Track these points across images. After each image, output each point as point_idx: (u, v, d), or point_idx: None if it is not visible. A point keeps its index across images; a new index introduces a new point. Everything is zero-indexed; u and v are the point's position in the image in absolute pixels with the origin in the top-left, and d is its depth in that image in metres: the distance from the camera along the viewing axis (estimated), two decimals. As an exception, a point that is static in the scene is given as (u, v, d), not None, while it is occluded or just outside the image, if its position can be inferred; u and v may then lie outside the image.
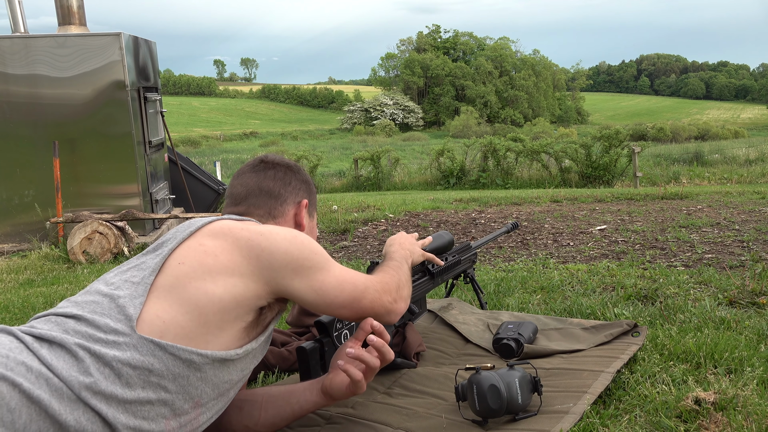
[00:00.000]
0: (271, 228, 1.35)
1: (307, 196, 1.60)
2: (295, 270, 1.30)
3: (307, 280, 1.32)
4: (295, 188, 1.57)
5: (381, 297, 1.44)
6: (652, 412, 1.53)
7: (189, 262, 1.23)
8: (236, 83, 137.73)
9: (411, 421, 1.56)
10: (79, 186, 5.45)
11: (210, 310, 1.20)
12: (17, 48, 5.28)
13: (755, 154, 17.87)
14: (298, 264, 1.31)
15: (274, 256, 1.28)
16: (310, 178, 1.65)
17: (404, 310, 1.53)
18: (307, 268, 1.32)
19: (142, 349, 1.12)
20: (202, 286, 1.21)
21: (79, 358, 1.08)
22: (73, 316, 1.16)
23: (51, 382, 1.04)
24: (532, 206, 6.16)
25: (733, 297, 2.51)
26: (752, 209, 5.12)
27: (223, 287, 1.22)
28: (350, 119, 65.84)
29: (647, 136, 41.74)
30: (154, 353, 1.13)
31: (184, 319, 1.18)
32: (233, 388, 1.30)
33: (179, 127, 59.02)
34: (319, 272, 1.34)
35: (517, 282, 3.02)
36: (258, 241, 1.28)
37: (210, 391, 1.23)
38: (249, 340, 1.29)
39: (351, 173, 15.65)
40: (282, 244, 1.30)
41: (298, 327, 2.31)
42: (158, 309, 1.17)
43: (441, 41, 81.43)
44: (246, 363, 1.31)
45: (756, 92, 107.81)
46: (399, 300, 1.50)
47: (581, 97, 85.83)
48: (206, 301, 1.20)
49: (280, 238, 1.31)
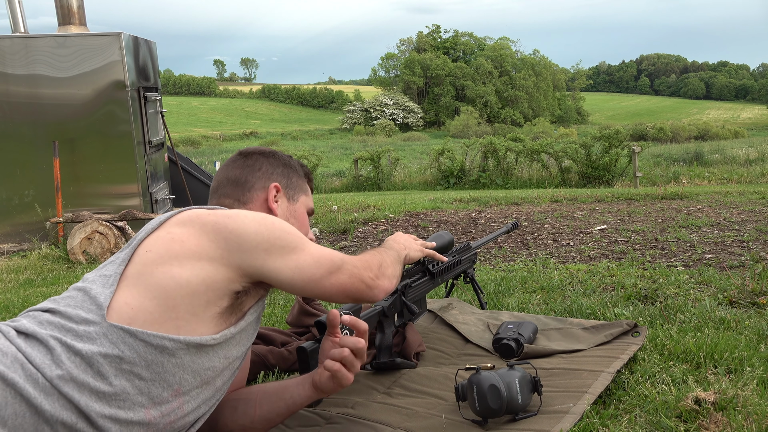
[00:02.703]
0: (239, 211, 1.33)
1: (282, 179, 1.56)
2: (267, 250, 1.28)
3: (282, 260, 1.29)
4: (265, 173, 1.54)
5: (361, 272, 1.41)
6: (652, 412, 1.53)
7: (156, 249, 1.23)
8: (236, 83, 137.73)
9: (411, 421, 1.56)
10: (79, 186, 5.45)
11: (178, 294, 1.18)
12: (17, 48, 5.28)
13: (755, 154, 17.86)
14: (269, 244, 1.28)
15: (243, 237, 1.26)
16: (291, 162, 1.61)
17: (389, 288, 1.50)
18: (280, 247, 1.30)
19: (112, 336, 1.12)
20: (168, 270, 1.19)
21: (50, 347, 1.10)
22: (48, 309, 1.19)
23: (26, 367, 1.06)
24: (532, 206, 6.16)
25: (733, 297, 2.51)
26: (752, 209, 5.12)
27: (191, 271, 1.20)
28: (350, 119, 65.85)
29: (647, 136, 41.77)
30: (124, 340, 1.12)
31: (152, 304, 1.16)
32: (219, 376, 1.27)
33: (179, 127, 59.02)
34: (293, 251, 1.32)
35: (517, 282, 3.02)
36: (225, 224, 1.26)
37: (190, 378, 1.20)
38: (227, 326, 1.26)
39: (351, 173, 15.65)
40: (250, 225, 1.28)
41: (298, 327, 2.31)
42: (126, 296, 1.17)
43: (441, 41, 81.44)
44: (229, 350, 1.28)
45: (756, 92, 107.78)
46: (381, 277, 1.47)
47: (581, 97, 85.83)
48: (174, 285, 1.18)
49: (249, 219, 1.30)
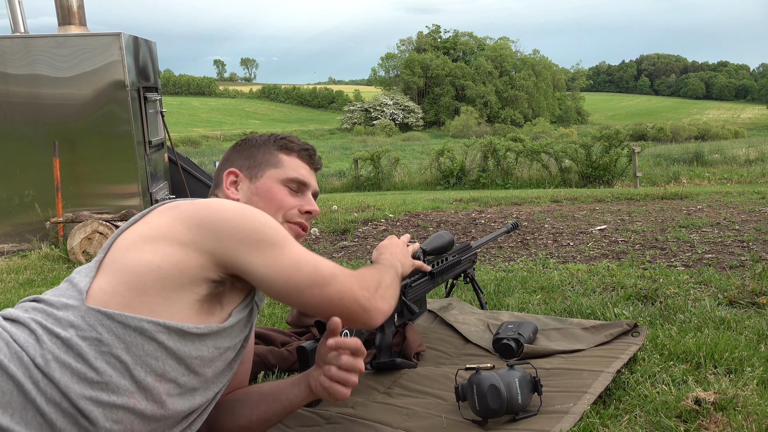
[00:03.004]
0: (217, 200, 1.30)
1: (242, 162, 1.47)
2: (242, 241, 1.21)
3: (257, 254, 1.22)
4: (230, 162, 1.49)
5: (355, 290, 1.28)
6: (652, 412, 1.53)
7: (131, 237, 1.23)
8: (236, 83, 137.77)
9: (411, 421, 1.56)
10: (79, 186, 5.45)
11: (149, 278, 1.17)
12: (17, 48, 5.28)
13: (755, 154, 17.87)
14: (245, 235, 1.22)
15: (218, 225, 1.22)
16: (261, 140, 1.51)
17: (387, 312, 1.35)
18: (258, 240, 1.23)
19: (90, 319, 1.13)
20: (138, 254, 1.19)
21: (32, 329, 1.12)
22: (34, 299, 1.21)
23: (11, 346, 1.09)
24: (532, 206, 6.16)
25: (733, 297, 2.51)
26: (752, 209, 5.12)
27: (161, 255, 1.19)
28: (350, 119, 65.88)
29: (647, 136, 41.79)
30: (102, 323, 1.13)
31: (123, 288, 1.17)
32: (208, 366, 1.25)
33: (179, 127, 59.04)
34: (272, 247, 1.23)
35: (517, 282, 3.02)
36: (200, 211, 1.24)
37: (175, 365, 1.19)
38: (213, 321, 1.24)
39: (351, 173, 15.65)
40: (227, 213, 1.24)
41: (298, 327, 2.32)
42: (101, 282, 1.18)
43: (441, 41, 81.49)
44: (217, 341, 1.25)
45: (756, 92, 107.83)
46: (378, 298, 1.33)
47: (581, 97, 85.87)
48: (144, 269, 1.18)
49: (226, 208, 1.25)
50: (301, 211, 1.46)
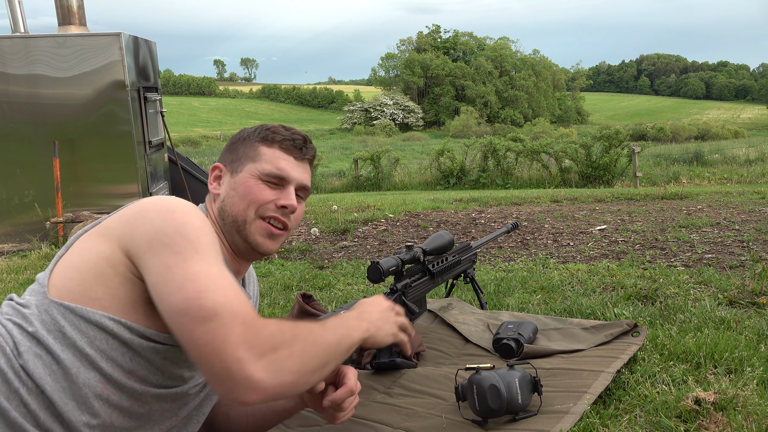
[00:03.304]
0: (157, 199, 1.21)
1: (227, 156, 1.40)
2: (150, 242, 1.12)
3: (157, 258, 1.10)
4: (220, 157, 1.43)
5: (229, 340, 1.00)
6: (652, 412, 1.53)
7: (89, 232, 1.22)
8: (236, 83, 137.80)
9: (411, 421, 1.56)
10: (79, 186, 5.45)
11: (84, 267, 1.16)
12: (17, 48, 5.28)
13: (755, 154, 17.87)
14: (153, 236, 1.12)
15: (137, 222, 1.16)
16: (247, 133, 1.41)
17: (267, 389, 1.01)
18: (163, 244, 1.11)
19: (52, 311, 1.13)
20: (80, 245, 1.19)
21: (3, 324, 1.14)
22: (9, 299, 1.22)
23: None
24: (532, 206, 6.16)
25: (733, 297, 2.51)
26: (752, 209, 5.12)
27: (95, 246, 1.17)
28: (350, 119, 65.87)
29: (647, 136, 41.76)
30: (64, 315, 1.13)
31: (71, 283, 1.16)
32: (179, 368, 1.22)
33: (179, 127, 59.05)
34: (173, 255, 1.09)
35: (517, 282, 3.02)
36: (134, 206, 1.19)
37: (146, 364, 1.16)
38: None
39: (351, 173, 15.65)
40: (150, 213, 1.16)
41: (298, 327, 2.31)
42: (54, 276, 1.18)
43: (441, 41, 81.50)
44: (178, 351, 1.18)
45: (756, 92, 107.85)
46: (265, 366, 1.01)
47: (581, 97, 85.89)
48: (80, 259, 1.17)
49: (153, 208, 1.17)
50: (276, 205, 1.33)
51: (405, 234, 4.89)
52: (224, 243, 1.33)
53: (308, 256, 4.18)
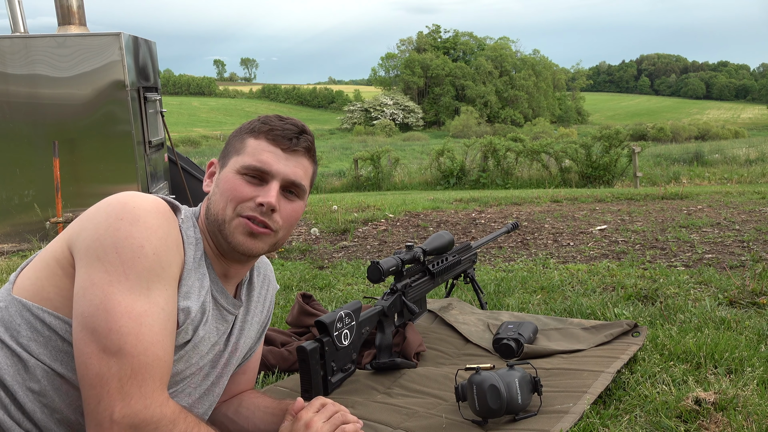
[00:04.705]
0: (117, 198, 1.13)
1: (222, 151, 1.30)
2: (86, 250, 1.07)
3: (85, 269, 1.05)
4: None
5: (119, 394, 0.99)
6: (652, 412, 1.53)
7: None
8: (236, 83, 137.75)
9: (411, 421, 1.56)
10: (79, 186, 5.45)
11: (39, 266, 1.15)
12: (17, 48, 5.28)
13: (755, 154, 17.87)
14: (91, 244, 1.06)
15: (87, 224, 1.10)
16: (240, 127, 1.31)
17: None
18: (96, 257, 1.05)
19: (12, 309, 1.13)
20: (50, 246, 1.18)
21: None
22: None
23: None
24: (532, 206, 6.16)
25: (733, 297, 2.51)
26: (752, 209, 5.12)
27: (53, 244, 1.16)
28: (350, 119, 65.84)
29: (647, 136, 41.73)
30: (21, 314, 1.12)
31: (27, 281, 1.15)
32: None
33: (179, 127, 59.04)
34: (101, 272, 1.04)
35: (517, 282, 3.02)
36: (95, 205, 1.14)
37: None
38: None
39: (351, 173, 15.65)
40: (100, 215, 1.09)
41: (298, 327, 2.31)
42: (21, 276, 1.17)
43: (441, 41, 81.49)
44: None
45: (756, 92, 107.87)
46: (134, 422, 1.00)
47: (581, 97, 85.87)
48: (38, 258, 1.17)
49: (106, 209, 1.10)
50: (255, 202, 1.21)
51: (405, 234, 4.89)
52: (210, 244, 1.25)
53: (308, 256, 4.18)
